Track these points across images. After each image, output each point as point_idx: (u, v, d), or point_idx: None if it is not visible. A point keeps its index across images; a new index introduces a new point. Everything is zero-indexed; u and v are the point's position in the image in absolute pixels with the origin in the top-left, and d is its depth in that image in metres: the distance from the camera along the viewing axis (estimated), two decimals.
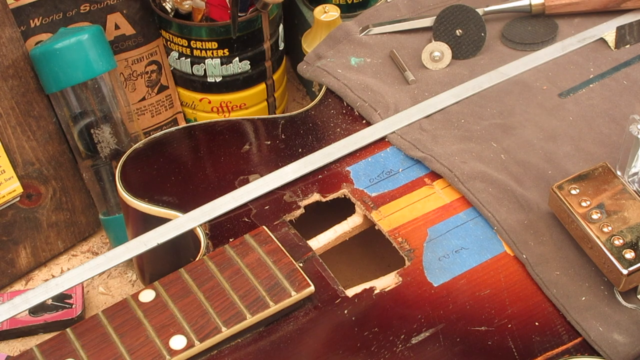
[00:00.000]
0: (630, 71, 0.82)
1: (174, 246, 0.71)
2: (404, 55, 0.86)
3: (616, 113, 0.78)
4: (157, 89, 0.96)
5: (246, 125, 0.81)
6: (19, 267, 0.90)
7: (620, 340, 0.62)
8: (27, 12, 0.85)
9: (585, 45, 0.85)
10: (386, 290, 0.65)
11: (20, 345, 0.86)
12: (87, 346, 0.59)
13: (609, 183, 0.67)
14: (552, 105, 0.80)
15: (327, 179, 0.74)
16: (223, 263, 0.64)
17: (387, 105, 0.80)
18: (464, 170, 0.73)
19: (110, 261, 0.69)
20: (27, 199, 0.88)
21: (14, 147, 0.85)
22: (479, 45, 0.86)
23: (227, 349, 0.61)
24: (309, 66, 0.86)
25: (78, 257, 0.94)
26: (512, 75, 0.83)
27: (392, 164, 0.76)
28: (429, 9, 0.90)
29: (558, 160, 0.74)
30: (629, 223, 0.64)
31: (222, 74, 0.93)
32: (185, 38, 0.91)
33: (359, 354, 0.61)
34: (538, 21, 0.88)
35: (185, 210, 0.71)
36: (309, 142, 0.78)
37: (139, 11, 0.90)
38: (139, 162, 0.76)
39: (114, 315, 0.61)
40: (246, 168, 0.75)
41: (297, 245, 0.67)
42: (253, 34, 0.91)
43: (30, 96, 0.85)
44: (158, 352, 0.59)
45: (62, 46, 0.82)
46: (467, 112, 0.79)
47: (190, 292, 0.62)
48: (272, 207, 0.72)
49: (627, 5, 0.87)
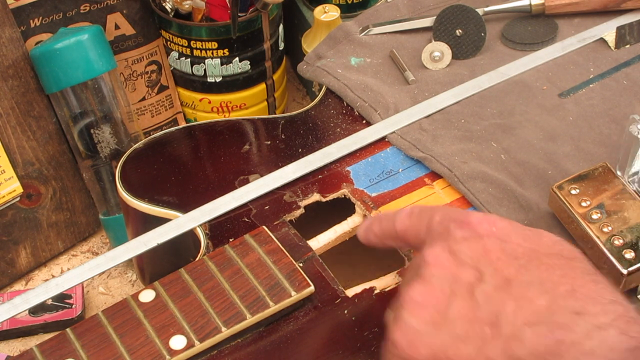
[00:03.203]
0: (630, 71, 0.82)
1: (174, 246, 0.71)
2: (404, 55, 0.86)
3: (616, 113, 0.78)
4: (157, 89, 0.96)
5: (246, 125, 0.81)
6: (19, 267, 0.90)
7: None
8: (27, 12, 0.85)
9: (585, 45, 0.85)
10: (386, 290, 0.65)
11: (20, 345, 0.86)
12: (87, 346, 0.59)
13: (609, 183, 0.67)
14: (552, 105, 0.80)
15: (327, 179, 0.74)
16: (223, 263, 0.64)
17: (387, 105, 0.80)
18: (464, 170, 0.73)
19: (110, 261, 0.69)
20: (27, 199, 0.88)
21: (14, 147, 0.85)
22: (479, 45, 0.86)
23: (227, 349, 0.61)
24: (309, 66, 0.86)
25: (78, 257, 0.94)
26: (512, 75, 0.83)
27: (392, 164, 0.76)
28: (429, 9, 0.90)
29: (558, 160, 0.74)
30: (629, 223, 0.64)
31: (222, 74, 0.93)
32: (185, 38, 0.91)
33: (359, 354, 0.61)
34: (538, 21, 0.88)
35: (185, 210, 0.71)
36: (309, 142, 0.78)
37: (139, 11, 0.90)
38: (139, 162, 0.76)
39: (114, 315, 0.61)
40: (246, 168, 0.75)
41: (297, 245, 0.67)
42: (253, 34, 0.91)
43: (30, 96, 0.85)
44: (158, 352, 0.59)
45: (62, 46, 0.82)
46: (467, 112, 0.79)
47: (190, 292, 0.62)
48: (272, 207, 0.72)
49: (627, 5, 0.87)
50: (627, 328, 0.46)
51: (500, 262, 0.51)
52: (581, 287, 0.49)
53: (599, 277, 0.50)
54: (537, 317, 0.48)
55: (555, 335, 0.46)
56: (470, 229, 0.53)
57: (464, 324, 0.49)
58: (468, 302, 0.50)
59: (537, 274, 0.50)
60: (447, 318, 0.50)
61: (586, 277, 0.50)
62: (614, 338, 0.45)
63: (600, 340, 0.46)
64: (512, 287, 0.49)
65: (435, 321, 0.50)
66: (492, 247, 0.52)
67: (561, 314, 0.47)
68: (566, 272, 0.50)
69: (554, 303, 0.48)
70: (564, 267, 0.50)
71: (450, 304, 0.50)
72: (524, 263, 0.50)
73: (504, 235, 0.53)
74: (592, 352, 0.45)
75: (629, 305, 0.48)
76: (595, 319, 0.47)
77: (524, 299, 0.49)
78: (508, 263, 0.51)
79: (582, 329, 0.46)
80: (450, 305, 0.50)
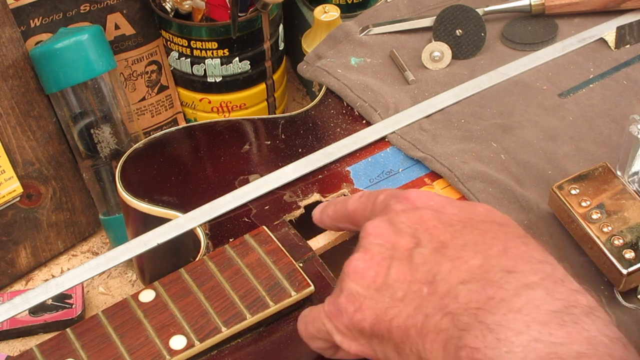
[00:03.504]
0: (630, 71, 0.82)
1: (174, 246, 0.71)
2: (404, 55, 0.86)
3: (616, 113, 0.78)
4: (157, 89, 0.96)
5: (246, 125, 0.81)
6: (19, 267, 0.90)
7: None
8: (27, 12, 0.85)
9: (585, 45, 0.85)
10: None
11: (20, 345, 0.86)
12: (87, 346, 0.59)
13: (609, 183, 0.67)
14: (552, 105, 0.80)
15: (327, 179, 0.74)
16: (223, 263, 0.64)
17: (387, 105, 0.80)
18: (464, 170, 0.73)
19: (110, 261, 0.69)
20: (27, 199, 0.88)
21: (14, 147, 0.85)
22: (479, 45, 0.86)
23: (227, 349, 0.61)
24: (309, 66, 0.86)
25: (78, 257, 0.94)
26: (512, 75, 0.83)
27: (392, 164, 0.76)
28: (429, 9, 0.90)
29: (558, 160, 0.74)
30: (629, 223, 0.64)
31: (222, 74, 0.93)
32: (185, 38, 0.91)
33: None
34: (538, 21, 0.88)
35: (185, 210, 0.71)
36: (309, 142, 0.78)
37: (139, 11, 0.90)
38: (139, 162, 0.76)
39: (114, 315, 0.61)
40: (246, 168, 0.75)
41: (297, 245, 0.67)
42: (253, 34, 0.91)
43: (30, 96, 0.85)
44: (158, 352, 0.59)
45: (62, 46, 0.82)
46: (467, 112, 0.79)
47: (190, 292, 0.62)
48: (272, 207, 0.72)
49: (627, 5, 0.87)
50: (553, 289, 0.48)
51: (436, 229, 0.54)
52: (512, 247, 0.51)
53: (529, 240, 0.53)
54: (471, 275, 0.50)
55: (487, 291, 0.48)
56: (408, 202, 0.57)
57: (403, 286, 0.52)
58: (407, 266, 0.53)
59: (470, 237, 0.52)
60: (387, 282, 0.53)
61: (517, 240, 0.52)
62: (540, 298, 0.47)
63: (527, 299, 0.47)
64: (447, 250, 0.52)
65: (377, 286, 0.53)
66: (429, 216, 0.55)
67: (493, 272, 0.49)
68: (498, 235, 0.52)
69: (487, 262, 0.50)
70: (497, 231, 0.53)
71: (390, 269, 0.53)
72: (459, 229, 0.53)
73: (440, 207, 0.56)
74: (519, 310, 0.47)
75: (558, 266, 0.51)
76: (524, 277, 0.49)
77: (459, 259, 0.51)
78: (443, 230, 0.53)
79: (512, 286, 0.48)
80: (390, 269, 0.53)
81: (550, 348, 0.45)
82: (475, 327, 0.47)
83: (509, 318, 0.47)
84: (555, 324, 0.46)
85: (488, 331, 0.46)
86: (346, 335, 0.55)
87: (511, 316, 0.47)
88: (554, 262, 0.51)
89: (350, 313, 0.54)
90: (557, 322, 0.46)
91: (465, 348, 0.47)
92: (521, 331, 0.46)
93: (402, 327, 0.51)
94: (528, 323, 0.46)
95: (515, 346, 0.45)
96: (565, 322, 0.46)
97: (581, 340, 0.45)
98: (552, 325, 0.46)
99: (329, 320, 0.56)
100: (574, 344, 0.45)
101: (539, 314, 0.46)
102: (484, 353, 0.46)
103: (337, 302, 0.55)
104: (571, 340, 0.45)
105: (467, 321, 0.48)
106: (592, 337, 0.45)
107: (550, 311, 0.47)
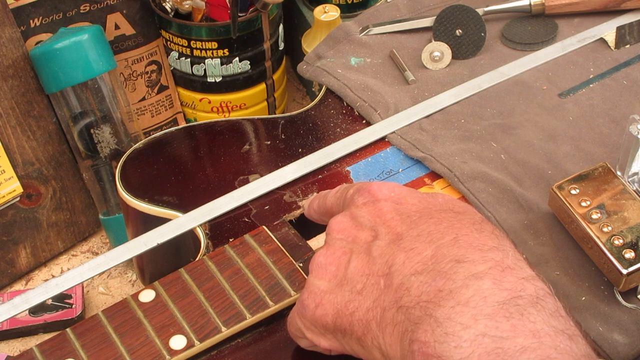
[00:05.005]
0: (630, 71, 0.82)
1: (174, 246, 0.71)
2: (404, 55, 0.86)
3: (616, 113, 0.78)
4: (157, 89, 0.96)
5: (246, 125, 0.81)
6: (19, 267, 0.90)
7: (621, 340, 0.62)
8: (27, 12, 0.85)
9: (585, 45, 0.85)
10: None
11: (20, 345, 0.86)
12: (87, 346, 0.59)
13: (609, 183, 0.67)
14: (552, 105, 0.80)
15: (327, 179, 0.74)
16: (223, 263, 0.64)
17: (387, 105, 0.80)
18: (464, 170, 0.73)
19: (110, 261, 0.69)
20: (27, 199, 0.88)
21: (14, 147, 0.85)
22: (479, 45, 0.86)
23: (227, 349, 0.62)
24: (309, 66, 0.86)
25: (78, 257, 0.94)
26: (512, 76, 0.83)
27: (392, 164, 0.76)
28: (429, 9, 0.90)
29: (558, 160, 0.74)
30: (629, 223, 0.64)
31: (222, 74, 0.93)
32: (185, 38, 0.91)
33: None
34: (538, 21, 0.88)
35: (185, 210, 0.71)
36: (309, 142, 0.78)
37: (139, 11, 0.90)
38: (139, 162, 0.76)
39: (114, 315, 0.61)
40: (246, 168, 0.75)
41: (297, 245, 0.67)
42: (253, 34, 0.91)
43: (30, 96, 0.85)
44: (158, 352, 0.59)
45: (62, 46, 0.82)
46: (467, 112, 0.79)
47: (190, 292, 0.62)
48: (272, 207, 0.72)
49: (627, 5, 0.87)
50: (501, 278, 0.48)
51: (393, 220, 0.54)
52: (464, 235, 0.51)
53: (484, 227, 0.52)
54: (423, 267, 0.50)
55: (437, 283, 0.48)
56: (370, 195, 0.57)
57: (362, 279, 0.53)
58: (365, 259, 0.53)
59: (425, 227, 0.52)
60: (347, 276, 0.53)
61: (471, 227, 0.52)
62: (487, 289, 0.47)
63: (475, 290, 0.47)
64: (403, 241, 0.52)
65: (338, 280, 0.54)
66: (387, 209, 0.55)
67: (444, 262, 0.50)
68: (453, 224, 0.52)
69: (438, 252, 0.50)
70: (452, 219, 0.53)
71: (350, 262, 0.54)
72: (416, 219, 0.54)
73: (400, 198, 0.56)
74: (467, 302, 0.47)
75: (510, 252, 0.50)
76: (473, 267, 0.49)
77: (413, 250, 0.51)
78: (401, 221, 0.54)
79: (460, 277, 0.48)
80: (350, 263, 0.54)
81: (497, 343, 0.45)
82: (425, 321, 0.47)
83: (456, 311, 0.47)
84: (501, 317, 0.46)
85: (437, 325, 0.47)
86: (314, 332, 0.55)
87: (459, 309, 0.47)
88: (506, 247, 0.51)
89: (312, 309, 0.54)
90: (503, 315, 0.46)
91: (416, 342, 0.47)
92: (469, 325, 0.46)
93: (363, 320, 0.52)
94: (475, 316, 0.46)
95: (463, 341, 0.45)
96: (512, 314, 0.46)
97: (526, 333, 0.45)
98: (498, 318, 0.46)
99: (299, 318, 0.56)
100: (518, 337, 0.45)
101: (486, 306, 0.46)
102: (434, 347, 0.46)
103: (301, 299, 0.56)
104: (516, 334, 0.45)
105: (418, 314, 0.48)
106: (537, 329, 0.46)
107: (497, 302, 0.47)
